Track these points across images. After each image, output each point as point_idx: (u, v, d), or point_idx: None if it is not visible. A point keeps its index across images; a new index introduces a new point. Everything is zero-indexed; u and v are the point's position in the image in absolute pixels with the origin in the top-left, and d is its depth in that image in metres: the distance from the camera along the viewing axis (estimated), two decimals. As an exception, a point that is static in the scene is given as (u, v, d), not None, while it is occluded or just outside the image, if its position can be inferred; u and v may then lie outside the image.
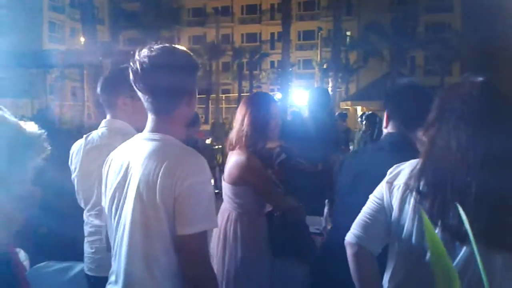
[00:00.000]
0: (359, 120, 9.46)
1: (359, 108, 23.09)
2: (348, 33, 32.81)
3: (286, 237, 2.69)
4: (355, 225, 1.63)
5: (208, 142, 10.89)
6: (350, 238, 1.62)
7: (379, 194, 1.61)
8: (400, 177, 1.55)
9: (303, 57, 39.50)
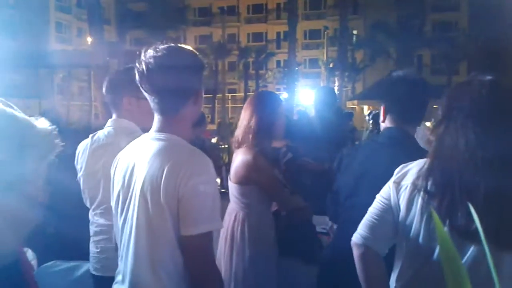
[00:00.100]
0: (366, 118, 9.43)
1: (365, 107, 22.99)
2: (354, 32, 32.75)
3: (292, 236, 2.67)
4: (362, 225, 1.62)
5: (214, 141, 10.91)
6: (357, 239, 1.61)
7: (386, 194, 1.59)
8: (407, 177, 1.54)
9: (309, 56, 39.43)
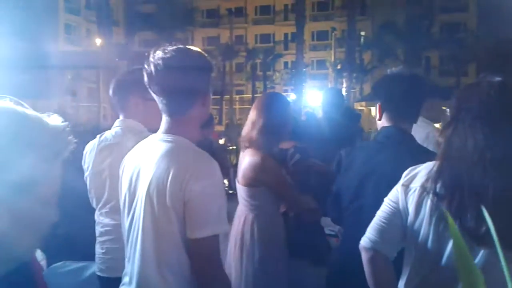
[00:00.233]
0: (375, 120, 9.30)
1: (373, 109, 22.90)
2: (362, 33, 32.64)
3: (301, 238, 2.67)
4: (370, 229, 1.60)
5: (221, 142, 10.92)
6: (365, 243, 1.60)
7: (394, 197, 1.57)
8: (416, 179, 1.52)
9: (316, 57, 39.38)
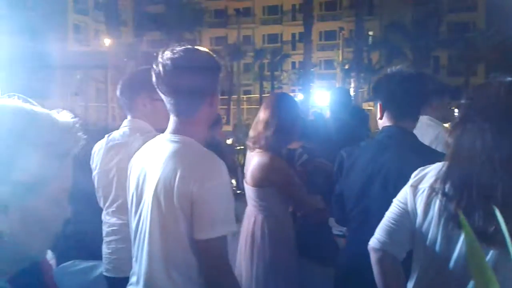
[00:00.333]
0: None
1: (381, 109, 22.75)
2: (370, 33, 32.50)
3: (309, 238, 2.66)
4: (379, 230, 1.60)
5: (229, 142, 10.93)
6: (374, 244, 1.59)
7: (403, 198, 1.57)
8: (425, 180, 1.52)
9: (324, 57, 39.31)
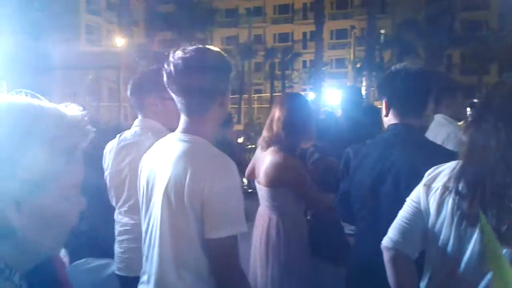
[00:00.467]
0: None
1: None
2: (382, 31, 32.34)
3: (321, 238, 2.65)
4: (392, 229, 1.59)
5: (240, 141, 10.96)
6: (387, 243, 1.59)
7: (416, 197, 1.56)
8: (438, 179, 1.51)
9: (335, 56, 39.14)
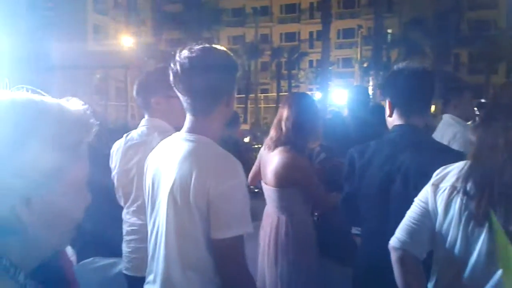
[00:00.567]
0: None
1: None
2: (389, 30, 32.23)
3: (328, 238, 2.65)
4: (400, 229, 1.59)
5: (246, 140, 10.97)
6: (394, 243, 1.58)
7: (424, 197, 1.55)
8: (447, 179, 1.50)
9: (342, 55, 39.09)
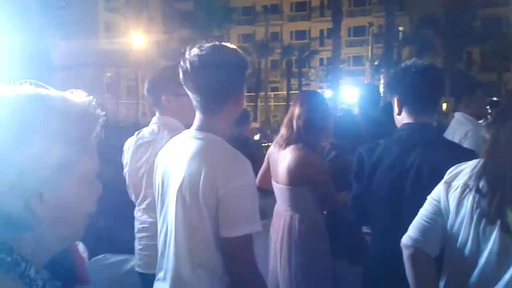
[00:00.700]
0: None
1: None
2: (400, 28, 31.99)
3: (339, 237, 2.64)
4: (412, 227, 1.58)
5: (257, 138, 10.97)
6: (406, 240, 1.58)
7: (437, 195, 1.54)
8: (459, 177, 1.49)
9: (353, 53, 38.90)
